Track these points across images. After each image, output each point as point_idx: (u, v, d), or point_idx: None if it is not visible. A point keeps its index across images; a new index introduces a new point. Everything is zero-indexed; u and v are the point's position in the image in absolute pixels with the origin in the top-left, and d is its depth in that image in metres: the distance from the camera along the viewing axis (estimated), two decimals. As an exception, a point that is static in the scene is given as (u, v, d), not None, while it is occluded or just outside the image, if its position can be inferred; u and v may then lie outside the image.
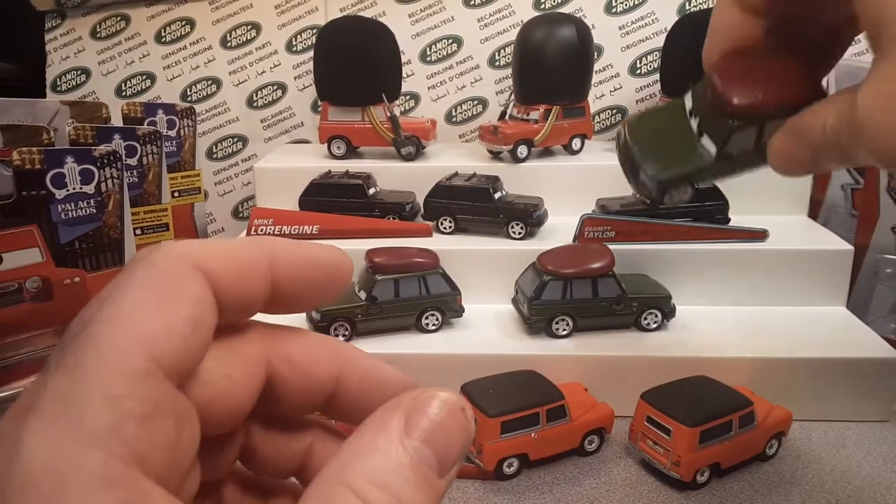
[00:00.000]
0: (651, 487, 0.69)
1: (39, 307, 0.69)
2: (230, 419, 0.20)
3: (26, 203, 0.69)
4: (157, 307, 0.17)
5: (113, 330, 0.17)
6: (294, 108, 1.26)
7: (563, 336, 0.84)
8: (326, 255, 0.22)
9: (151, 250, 0.19)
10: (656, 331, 0.85)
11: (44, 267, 0.69)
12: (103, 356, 0.16)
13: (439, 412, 0.18)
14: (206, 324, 0.19)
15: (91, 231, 0.73)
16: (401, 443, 0.18)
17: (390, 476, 0.17)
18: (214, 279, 0.19)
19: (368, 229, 0.96)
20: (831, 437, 0.77)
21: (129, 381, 0.16)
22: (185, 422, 0.18)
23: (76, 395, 0.16)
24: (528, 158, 1.06)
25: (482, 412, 0.69)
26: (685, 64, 1.07)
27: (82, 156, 0.71)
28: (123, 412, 0.16)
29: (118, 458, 0.16)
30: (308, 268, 0.22)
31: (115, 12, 1.27)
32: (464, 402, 0.19)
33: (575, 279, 0.83)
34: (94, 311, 0.17)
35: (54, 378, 0.16)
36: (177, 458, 0.17)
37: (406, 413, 0.18)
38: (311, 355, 0.22)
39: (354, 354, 0.23)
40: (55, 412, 0.16)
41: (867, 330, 0.86)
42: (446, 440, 0.18)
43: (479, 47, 1.24)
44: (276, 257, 0.21)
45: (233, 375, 0.20)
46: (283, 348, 0.22)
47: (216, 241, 0.20)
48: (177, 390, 0.18)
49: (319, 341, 0.23)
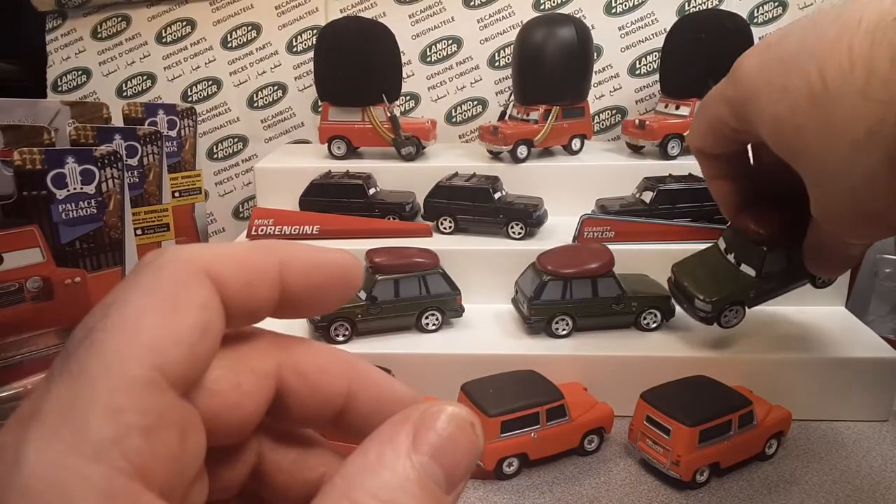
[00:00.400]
0: (651, 487, 0.69)
1: (40, 307, 0.70)
2: (238, 430, 0.20)
3: (27, 203, 0.69)
4: (163, 314, 0.17)
5: (117, 338, 0.17)
6: (294, 108, 1.26)
7: (563, 336, 0.84)
8: (336, 259, 0.22)
9: (157, 255, 0.19)
10: (656, 330, 0.85)
11: (44, 267, 0.70)
12: (107, 365, 0.16)
13: (448, 427, 0.18)
14: (213, 330, 0.18)
15: (92, 231, 0.73)
16: (408, 458, 0.17)
17: (397, 492, 0.17)
18: (222, 284, 0.19)
19: (368, 229, 0.96)
20: (831, 437, 0.77)
21: (133, 391, 0.16)
22: (190, 432, 0.18)
23: (79, 406, 0.16)
24: (527, 159, 1.06)
25: (482, 412, 0.69)
26: (685, 64, 1.08)
27: (83, 156, 0.71)
28: (126, 424, 0.16)
29: (120, 472, 0.16)
30: (318, 272, 0.21)
31: (116, 13, 1.27)
32: (473, 417, 0.19)
33: (575, 279, 0.83)
34: (99, 317, 0.17)
35: (58, 386, 0.16)
36: (181, 469, 0.17)
37: (414, 427, 0.18)
38: (323, 368, 0.21)
39: (366, 370, 0.22)
40: (58, 422, 0.16)
41: (867, 330, 0.86)
42: (454, 455, 0.18)
43: (479, 48, 1.24)
44: (286, 262, 0.20)
45: (242, 386, 0.20)
46: (294, 359, 0.22)
47: (224, 245, 0.20)
48: (182, 400, 0.18)
49: (331, 354, 0.22)
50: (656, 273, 0.89)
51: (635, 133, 1.08)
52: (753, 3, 1.21)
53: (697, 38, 1.06)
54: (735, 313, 0.75)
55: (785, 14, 1.21)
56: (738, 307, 0.74)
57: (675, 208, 0.95)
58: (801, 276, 0.72)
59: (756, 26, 1.20)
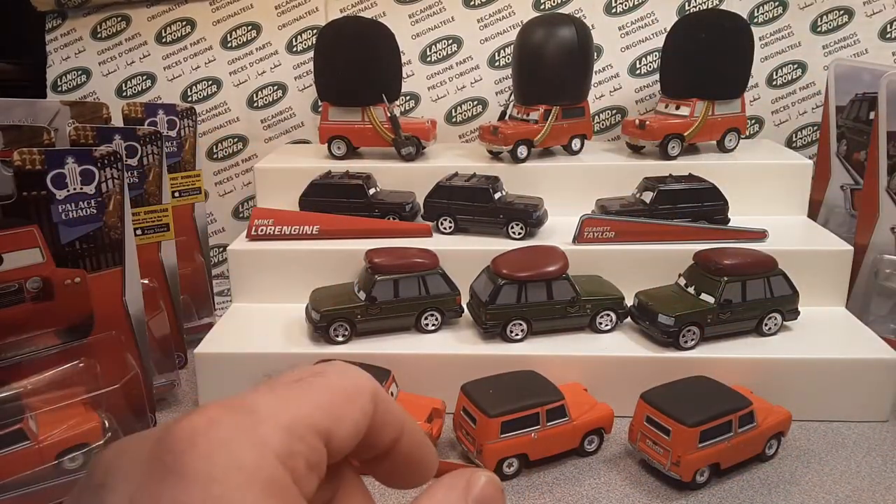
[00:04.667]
0: (651, 487, 0.69)
1: (40, 307, 0.69)
2: None
3: (27, 203, 0.69)
4: None
5: None
6: (294, 108, 1.26)
7: (518, 340, 0.84)
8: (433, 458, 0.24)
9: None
10: (610, 332, 0.85)
11: (44, 267, 0.69)
12: None
13: (488, 485, 0.21)
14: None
15: (91, 231, 0.73)
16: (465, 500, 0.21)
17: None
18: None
19: (368, 229, 0.96)
20: (831, 437, 0.77)
21: None
22: None
23: None
24: (528, 158, 1.06)
25: (482, 412, 0.69)
26: (685, 64, 1.08)
27: (83, 156, 0.71)
28: None
29: None
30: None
31: (116, 13, 1.27)
32: (499, 482, 0.22)
33: (529, 282, 0.83)
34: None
35: None
36: None
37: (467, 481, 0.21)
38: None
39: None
40: None
41: (867, 330, 0.86)
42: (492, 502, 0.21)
43: (479, 48, 1.24)
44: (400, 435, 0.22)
45: None
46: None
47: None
48: None
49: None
50: (656, 273, 0.89)
51: (635, 133, 1.08)
52: (753, 3, 1.21)
53: (697, 38, 1.06)
54: (693, 335, 0.81)
55: (785, 14, 1.21)
56: (696, 328, 0.81)
57: (675, 208, 0.95)
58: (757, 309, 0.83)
59: (756, 26, 1.20)
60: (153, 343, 0.84)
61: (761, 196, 1.02)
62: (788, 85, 1.24)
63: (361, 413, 0.20)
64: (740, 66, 1.08)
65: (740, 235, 0.93)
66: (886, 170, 0.95)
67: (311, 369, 0.21)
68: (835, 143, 1.10)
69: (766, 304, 0.83)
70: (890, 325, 0.93)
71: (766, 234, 0.93)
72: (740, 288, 0.81)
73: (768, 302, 0.83)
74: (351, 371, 0.21)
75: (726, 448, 0.68)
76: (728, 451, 0.68)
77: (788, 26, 1.22)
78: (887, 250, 0.95)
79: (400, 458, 0.22)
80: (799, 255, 0.89)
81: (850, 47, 1.21)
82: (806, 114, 1.24)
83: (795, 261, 0.87)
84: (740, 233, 0.93)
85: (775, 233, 0.94)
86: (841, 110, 1.10)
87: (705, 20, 1.09)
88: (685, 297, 0.83)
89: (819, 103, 1.20)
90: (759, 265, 0.84)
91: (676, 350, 0.80)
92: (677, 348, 0.80)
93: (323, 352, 0.82)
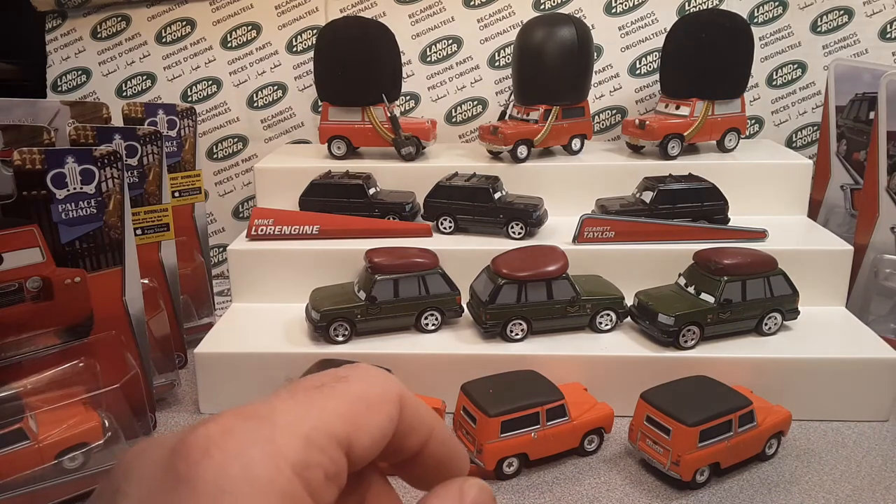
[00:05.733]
0: (651, 487, 0.69)
1: (40, 307, 0.69)
2: None
3: (27, 203, 0.69)
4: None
5: None
6: (294, 108, 1.26)
7: (518, 340, 0.84)
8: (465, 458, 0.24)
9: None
10: (610, 332, 0.85)
11: (44, 267, 0.69)
12: None
13: (480, 491, 0.21)
14: None
15: (91, 231, 0.73)
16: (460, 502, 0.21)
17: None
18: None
19: (368, 229, 0.96)
20: (830, 437, 0.77)
21: None
22: None
23: None
24: (528, 158, 1.06)
25: (482, 412, 0.69)
26: (685, 64, 1.08)
27: (83, 156, 0.71)
28: None
29: None
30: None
31: (116, 13, 1.27)
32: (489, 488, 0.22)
33: (529, 282, 0.83)
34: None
35: None
36: None
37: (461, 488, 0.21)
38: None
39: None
40: None
41: (867, 330, 0.86)
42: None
43: (479, 47, 1.24)
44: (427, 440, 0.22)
45: None
46: None
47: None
48: None
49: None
50: (656, 273, 0.89)
51: (635, 133, 1.08)
52: (753, 3, 1.21)
53: (697, 38, 1.06)
54: (693, 334, 0.81)
55: (785, 14, 1.21)
56: (696, 328, 0.81)
57: (675, 208, 0.95)
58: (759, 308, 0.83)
59: (756, 26, 1.20)
60: (153, 343, 0.84)
61: (761, 196, 1.02)
62: (788, 85, 1.24)
63: (388, 419, 0.20)
64: (740, 66, 1.08)
65: (740, 235, 0.93)
66: (886, 170, 0.95)
67: (334, 374, 0.20)
68: (835, 143, 1.10)
69: (766, 304, 0.83)
70: (890, 325, 0.93)
71: (765, 234, 0.93)
72: (740, 287, 0.81)
73: (768, 301, 0.83)
74: (376, 375, 0.20)
75: (726, 447, 0.68)
76: (728, 451, 0.68)
77: (788, 26, 1.22)
78: (887, 250, 0.95)
79: (429, 461, 0.22)
80: (799, 255, 0.89)
81: (850, 47, 1.21)
82: (806, 114, 1.24)
83: (795, 260, 0.87)
84: (740, 233, 0.93)
85: (775, 233, 0.94)
86: (841, 110, 1.10)
87: (705, 20, 1.09)
88: (685, 296, 0.83)
89: (819, 103, 1.20)
90: (759, 265, 0.84)
91: (676, 350, 0.80)
92: (677, 348, 0.80)
93: (323, 352, 0.82)
